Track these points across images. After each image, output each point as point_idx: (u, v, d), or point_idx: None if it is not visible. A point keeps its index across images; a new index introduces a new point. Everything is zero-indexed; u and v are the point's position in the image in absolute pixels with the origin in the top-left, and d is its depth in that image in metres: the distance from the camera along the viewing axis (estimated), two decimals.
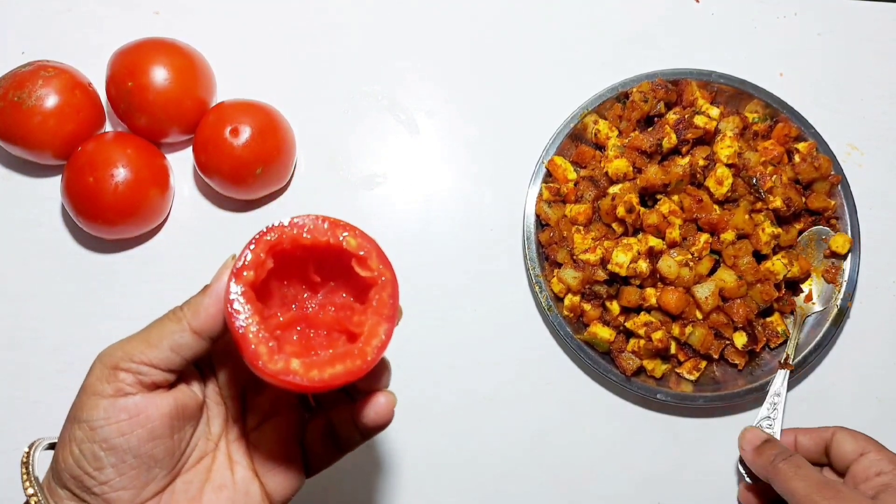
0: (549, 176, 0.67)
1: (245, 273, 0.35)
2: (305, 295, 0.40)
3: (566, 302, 0.63)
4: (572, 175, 0.66)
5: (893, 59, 0.73)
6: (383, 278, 0.37)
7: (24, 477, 0.38)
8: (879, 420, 0.65)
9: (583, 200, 0.65)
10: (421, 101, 0.72)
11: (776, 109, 0.67)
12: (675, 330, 0.61)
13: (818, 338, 0.63)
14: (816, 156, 0.64)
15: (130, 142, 0.65)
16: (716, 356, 0.62)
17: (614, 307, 0.62)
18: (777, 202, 0.62)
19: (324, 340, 0.39)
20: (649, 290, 0.61)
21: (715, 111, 0.64)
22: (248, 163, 0.63)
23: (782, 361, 0.62)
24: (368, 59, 0.73)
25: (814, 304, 0.64)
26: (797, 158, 0.65)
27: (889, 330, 0.67)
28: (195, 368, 0.41)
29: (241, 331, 0.34)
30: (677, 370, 0.63)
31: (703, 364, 0.62)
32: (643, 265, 0.60)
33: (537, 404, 0.65)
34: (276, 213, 0.69)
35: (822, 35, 0.74)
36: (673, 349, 0.62)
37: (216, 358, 0.42)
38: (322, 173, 0.70)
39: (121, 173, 0.62)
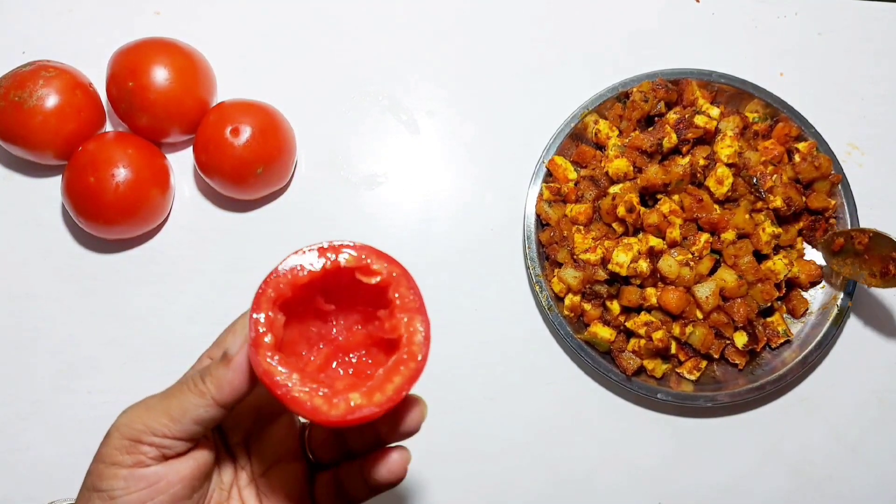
0: (549, 175, 0.67)
1: (266, 340, 0.34)
2: (327, 328, 0.39)
3: (566, 302, 0.63)
4: (573, 175, 0.66)
5: (894, 58, 0.73)
6: (394, 274, 0.36)
7: None
8: (879, 420, 0.65)
9: (583, 200, 0.65)
10: (421, 101, 0.72)
11: (776, 109, 0.67)
12: (676, 330, 0.61)
13: (818, 338, 0.63)
14: (817, 155, 0.64)
15: (131, 142, 0.65)
16: (716, 356, 0.62)
17: (615, 307, 0.62)
18: (777, 201, 0.62)
19: (367, 359, 0.39)
20: (650, 290, 0.61)
21: (715, 111, 0.64)
22: (248, 163, 0.63)
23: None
24: (369, 59, 0.73)
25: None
26: (797, 158, 0.65)
27: (889, 330, 0.67)
28: None
29: (289, 395, 0.34)
30: (678, 370, 0.63)
31: (704, 364, 0.62)
32: (643, 265, 0.60)
33: (538, 404, 0.65)
34: (276, 214, 0.69)
35: (823, 35, 0.74)
36: (673, 349, 0.62)
37: None
38: (322, 173, 0.70)
39: (121, 173, 0.62)
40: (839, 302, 0.63)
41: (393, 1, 0.74)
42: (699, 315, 0.61)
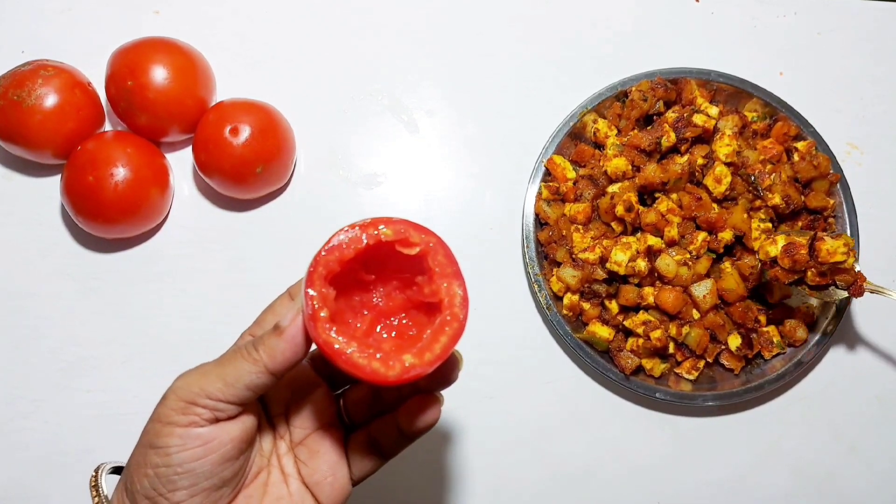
0: (548, 175, 0.67)
1: (321, 314, 0.37)
2: (368, 296, 0.42)
3: (565, 301, 0.63)
4: (571, 174, 0.66)
5: (893, 58, 0.73)
6: (431, 244, 0.39)
7: (95, 498, 0.40)
8: (879, 419, 0.65)
9: (582, 199, 0.65)
10: (421, 101, 0.72)
11: (775, 108, 0.67)
12: (673, 330, 0.61)
13: (817, 337, 0.63)
14: (815, 154, 0.64)
15: (130, 141, 0.65)
16: (710, 360, 0.62)
17: (613, 306, 0.62)
18: (776, 199, 0.62)
19: (406, 321, 0.42)
20: (647, 289, 0.61)
21: (714, 110, 0.64)
22: (247, 162, 0.63)
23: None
24: (369, 58, 0.73)
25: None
26: (796, 157, 0.65)
27: (888, 329, 0.67)
28: None
29: (350, 361, 0.37)
30: (676, 370, 0.63)
31: (702, 364, 0.63)
32: (642, 264, 0.60)
33: (537, 402, 0.65)
34: (276, 213, 0.69)
35: (822, 34, 0.74)
36: (671, 349, 0.62)
37: None
38: (322, 173, 0.70)
39: (120, 172, 0.62)
40: (838, 301, 0.63)
41: (392, 1, 0.74)
42: (696, 315, 0.61)
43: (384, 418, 0.43)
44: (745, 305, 0.61)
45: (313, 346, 0.39)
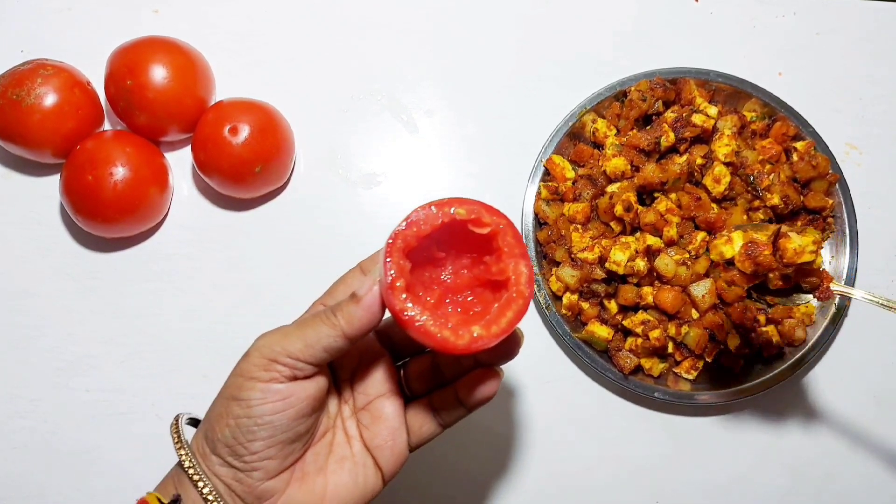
0: (547, 174, 0.67)
1: (398, 283, 0.40)
2: (438, 271, 0.45)
3: (564, 300, 0.63)
4: (570, 174, 0.66)
5: (892, 58, 0.73)
6: (501, 225, 0.41)
7: (177, 443, 0.43)
8: (877, 420, 0.65)
9: (581, 199, 0.65)
10: (420, 100, 0.72)
11: (774, 108, 0.67)
12: (672, 329, 0.61)
13: (815, 337, 0.63)
14: (814, 154, 0.64)
15: (129, 140, 0.65)
16: (709, 359, 0.62)
17: (612, 306, 0.62)
18: (775, 199, 0.62)
19: (471, 298, 0.44)
20: (646, 289, 0.61)
21: (713, 110, 0.64)
22: (246, 161, 0.63)
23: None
24: (368, 57, 0.73)
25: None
26: (795, 157, 0.65)
27: (887, 329, 0.67)
28: None
29: (423, 329, 0.39)
30: (675, 369, 0.63)
31: (701, 363, 0.63)
32: (641, 263, 0.60)
33: (536, 402, 0.65)
34: (275, 213, 0.69)
35: (821, 34, 0.74)
36: (670, 348, 0.62)
37: None
38: (321, 172, 0.70)
39: (120, 172, 0.62)
40: (837, 301, 0.63)
41: (392, 1, 0.74)
42: (695, 315, 0.61)
43: (444, 390, 0.46)
44: (744, 305, 0.61)
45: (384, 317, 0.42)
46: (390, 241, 0.40)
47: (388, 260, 0.40)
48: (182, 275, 0.67)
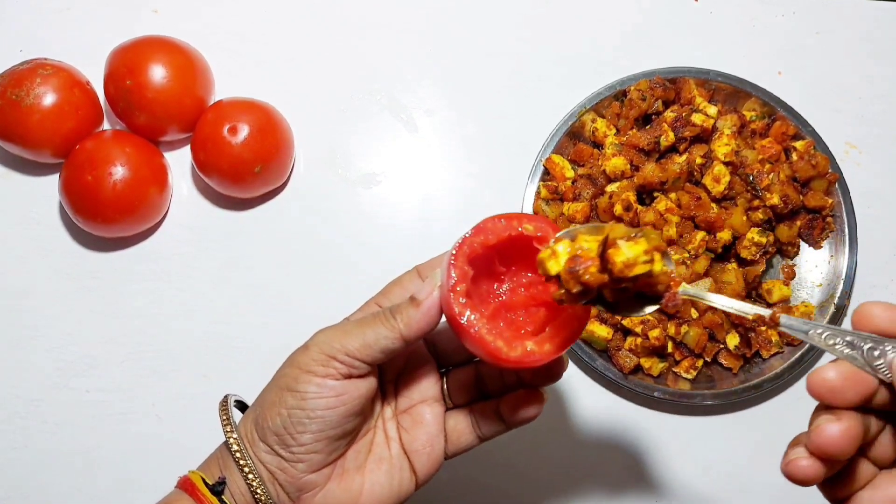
0: (546, 174, 0.67)
1: (459, 288, 0.40)
2: (495, 286, 0.45)
3: None
4: (570, 173, 0.66)
5: (892, 58, 0.73)
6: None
7: (226, 424, 0.43)
8: None
9: (580, 198, 0.65)
10: (420, 100, 0.72)
11: (774, 108, 0.67)
12: (671, 329, 0.61)
13: None
14: (814, 154, 0.64)
15: (129, 140, 0.65)
16: (708, 359, 0.62)
17: None
18: (774, 199, 0.62)
19: (525, 318, 0.44)
20: None
21: (713, 109, 0.64)
22: (246, 161, 0.63)
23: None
24: (367, 57, 0.73)
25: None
26: (795, 156, 0.65)
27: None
28: None
29: (477, 335, 0.39)
30: (674, 369, 0.63)
31: (700, 363, 0.63)
32: None
33: None
34: (275, 213, 0.69)
35: (821, 34, 0.74)
36: (669, 348, 0.62)
37: None
38: (321, 172, 0.70)
39: (119, 172, 0.62)
40: (836, 300, 0.63)
41: (392, 1, 0.74)
42: (694, 314, 0.61)
43: (486, 402, 0.46)
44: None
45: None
46: (457, 247, 0.41)
47: (452, 263, 0.40)
48: (181, 275, 0.67)
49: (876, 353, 0.34)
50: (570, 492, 0.64)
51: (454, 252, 0.41)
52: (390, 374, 0.47)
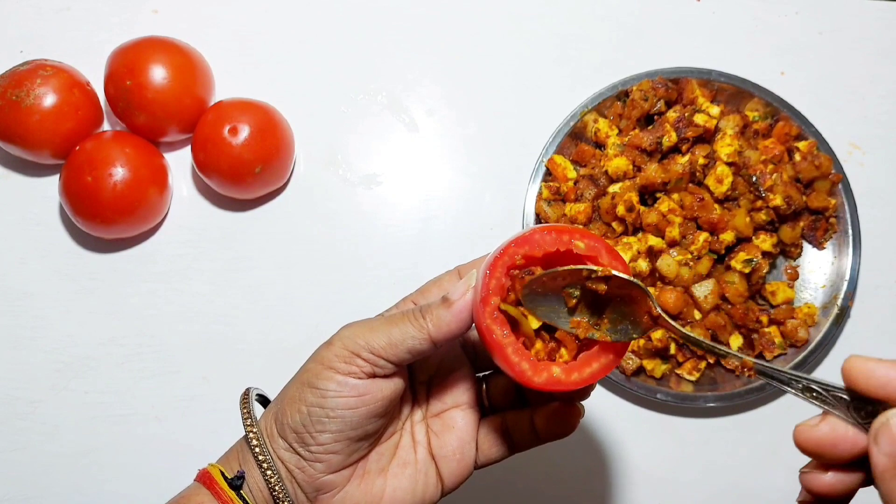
0: (548, 174, 0.67)
1: (492, 300, 0.38)
2: None
3: None
4: (572, 174, 0.66)
5: (895, 57, 0.73)
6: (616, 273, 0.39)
7: (247, 418, 0.42)
8: None
9: (582, 199, 0.64)
10: (420, 100, 0.72)
11: (777, 108, 0.67)
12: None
13: (819, 337, 0.62)
14: (817, 154, 0.64)
15: (129, 141, 0.64)
16: (711, 360, 0.62)
17: None
18: (777, 200, 0.61)
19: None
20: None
21: (715, 109, 0.64)
22: (246, 162, 0.63)
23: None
24: (368, 57, 0.73)
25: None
26: (798, 157, 0.64)
27: (890, 329, 0.66)
28: None
29: (503, 353, 0.37)
30: (677, 371, 0.63)
31: (703, 365, 0.62)
32: (643, 264, 0.60)
33: None
34: (275, 213, 0.69)
35: (824, 34, 0.74)
36: (672, 350, 0.62)
37: None
38: (321, 172, 0.70)
39: (119, 172, 0.62)
40: (839, 302, 0.63)
41: (392, 0, 0.74)
42: (697, 316, 0.61)
43: (521, 411, 0.44)
44: (747, 306, 0.61)
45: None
46: (496, 254, 0.38)
47: (488, 272, 0.38)
48: (181, 275, 0.67)
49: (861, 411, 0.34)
50: (571, 492, 0.63)
51: (493, 260, 0.38)
52: (422, 376, 0.45)
